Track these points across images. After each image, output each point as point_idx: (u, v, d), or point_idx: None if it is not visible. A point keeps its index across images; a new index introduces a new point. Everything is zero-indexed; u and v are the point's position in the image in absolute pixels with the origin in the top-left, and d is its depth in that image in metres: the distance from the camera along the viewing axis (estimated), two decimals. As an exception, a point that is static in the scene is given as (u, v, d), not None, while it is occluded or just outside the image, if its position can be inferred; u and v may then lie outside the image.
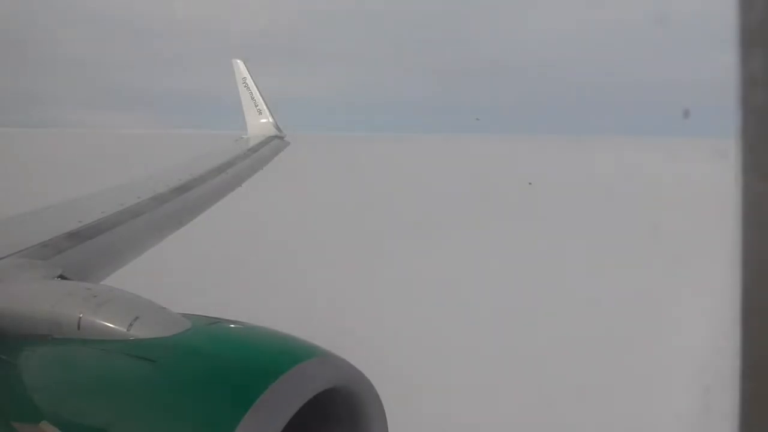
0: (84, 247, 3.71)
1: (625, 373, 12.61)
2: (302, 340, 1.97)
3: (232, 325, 2.09)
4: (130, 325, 1.97)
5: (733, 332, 1.05)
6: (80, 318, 2.04)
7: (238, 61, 14.00)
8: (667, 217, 30.01)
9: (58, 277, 2.81)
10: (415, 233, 27.79)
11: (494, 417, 11.00)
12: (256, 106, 13.55)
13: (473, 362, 13.25)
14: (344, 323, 13.61)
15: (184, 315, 2.09)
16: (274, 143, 11.72)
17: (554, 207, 36.79)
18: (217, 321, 2.09)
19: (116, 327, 1.99)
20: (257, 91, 13.66)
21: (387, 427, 2.00)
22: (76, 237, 3.79)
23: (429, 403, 10.77)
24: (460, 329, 15.28)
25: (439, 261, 22.63)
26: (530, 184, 48.66)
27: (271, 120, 13.38)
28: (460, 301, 17.60)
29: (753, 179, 0.98)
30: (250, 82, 13.76)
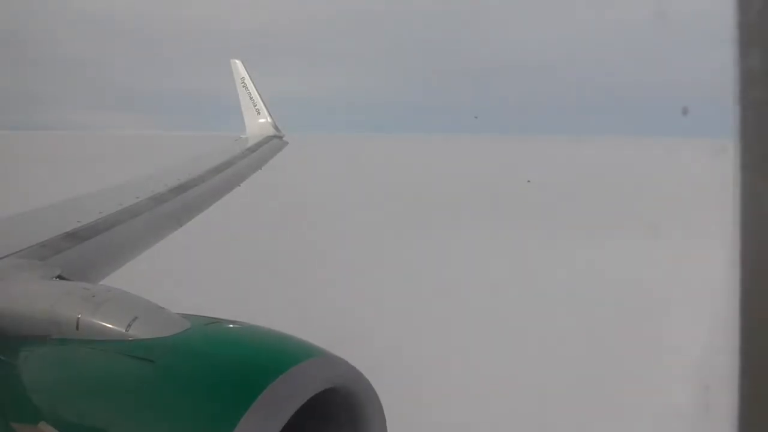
0: (82, 248, 3.71)
1: (625, 372, 12.62)
2: (301, 340, 1.97)
3: (231, 325, 2.09)
4: (129, 325, 1.97)
5: (732, 331, 1.05)
6: (79, 318, 2.04)
7: (237, 61, 13.97)
8: (665, 216, 30.02)
9: (56, 277, 2.81)
10: (413, 233, 27.79)
11: (493, 417, 11.00)
12: (255, 106, 13.52)
13: (472, 362, 13.25)
14: (343, 323, 13.60)
15: (183, 315, 2.09)
16: (273, 143, 11.70)
17: (552, 204, 36.79)
18: (215, 321, 2.09)
19: (115, 327, 1.99)
20: (256, 92, 13.63)
21: (386, 427, 2.00)
22: (75, 237, 3.78)
23: (428, 404, 10.77)
24: (460, 329, 15.29)
25: (438, 260, 22.64)
26: (528, 182, 48.62)
27: (269, 120, 13.36)
28: (459, 300, 17.60)
29: (751, 177, 0.98)
30: (248, 82, 13.74)
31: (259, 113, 13.47)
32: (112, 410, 1.80)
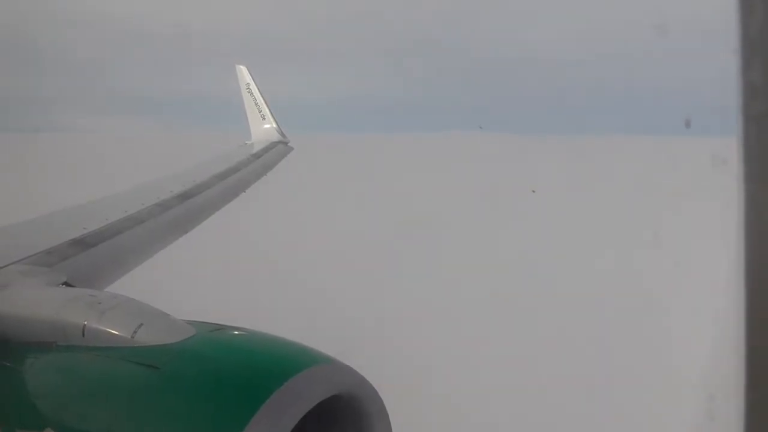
0: (88, 254, 3.72)
1: (630, 380, 12.55)
2: (306, 346, 1.97)
3: (236, 332, 2.10)
4: (135, 332, 1.98)
5: (737, 340, 1.05)
6: (85, 325, 2.05)
7: (242, 67, 13.97)
8: (669, 223, 29.84)
9: (62, 284, 2.82)
10: (422, 238, 27.70)
11: (496, 420, 10.96)
12: (260, 111, 13.50)
13: (477, 367, 13.21)
14: (349, 329, 13.57)
15: (189, 322, 2.09)
16: (278, 149, 11.69)
17: (557, 211, 36.54)
18: (221, 328, 2.10)
19: (120, 334, 1.99)
20: (260, 97, 13.62)
21: (391, 434, 2.00)
22: (81, 244, 3.80)
23: (433, 410, 10.73)
24: (465, 335, 15.24)
25: (444, 266, 22.57)
26: (533, 192, 47.95)
27: (274, 125, 13.34)
28: (465, 306, 17.55)
29: (754, 187, 0.98)
30: (253, 87, 13.73)
31: (264, 119, 13.46)
32: (118, 417, 1.80)
